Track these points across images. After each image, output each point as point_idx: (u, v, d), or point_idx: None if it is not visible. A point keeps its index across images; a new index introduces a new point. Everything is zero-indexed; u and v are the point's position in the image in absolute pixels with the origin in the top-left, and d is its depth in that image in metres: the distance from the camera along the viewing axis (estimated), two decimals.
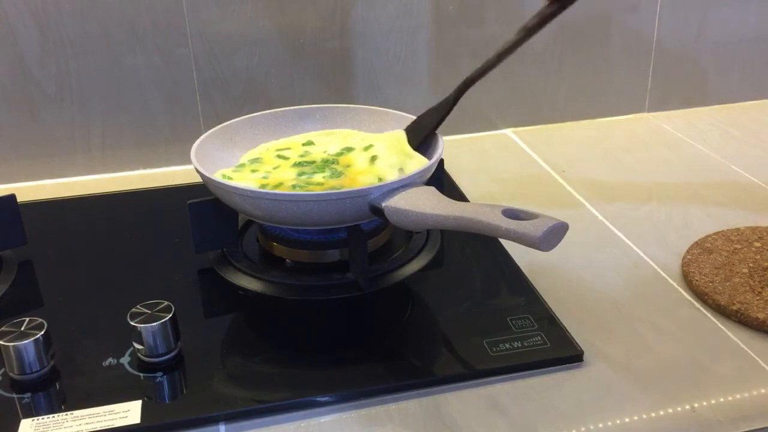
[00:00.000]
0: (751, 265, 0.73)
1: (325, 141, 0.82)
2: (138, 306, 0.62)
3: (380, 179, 0.72)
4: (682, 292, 0.72)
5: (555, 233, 0.55)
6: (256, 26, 0.98)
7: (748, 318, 0.67)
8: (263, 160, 0.79)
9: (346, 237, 0.72)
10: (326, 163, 0.76)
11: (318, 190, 0.70)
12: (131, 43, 0.95)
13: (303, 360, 0.65)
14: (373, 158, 0.76)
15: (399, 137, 0.78)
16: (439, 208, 0.62)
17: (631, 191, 0.94)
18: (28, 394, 0.60)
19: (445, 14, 1.03)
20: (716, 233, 0.80)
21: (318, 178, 0.73)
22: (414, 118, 0.80)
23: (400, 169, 0.73)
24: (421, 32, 1.04)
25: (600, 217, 0.87)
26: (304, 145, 0.82)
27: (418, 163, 0.74)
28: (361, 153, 0.77)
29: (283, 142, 0.83)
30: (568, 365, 0.63)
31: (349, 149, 0.79)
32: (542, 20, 0.72)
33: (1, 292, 0.73)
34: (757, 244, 0.77)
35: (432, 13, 1.03)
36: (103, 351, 0.64)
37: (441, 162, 0.78)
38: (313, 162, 0.77)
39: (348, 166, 0.76)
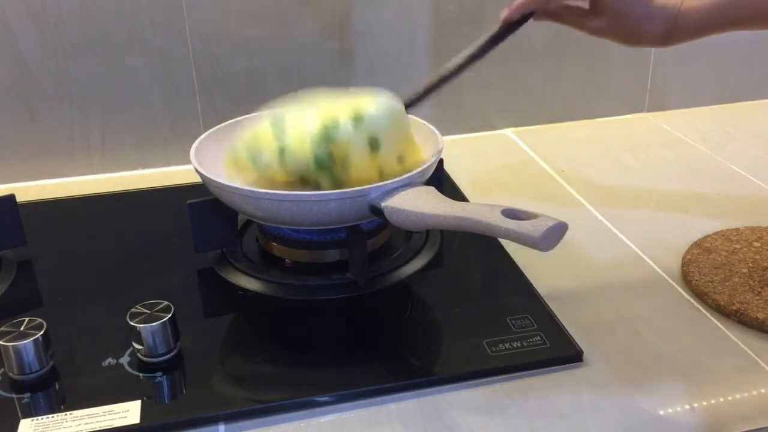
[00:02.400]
0: (750, 264, 0.73)
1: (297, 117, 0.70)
2: (137, 306, 0.62)
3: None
4: (682, 292, 0.72)
5: (554, 233, 0.55)
6: (256, 26, 0.98)
7: (747, 318, 0.66)
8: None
9: (345, 237, 0.72)
10: (319, 165, 0.67)
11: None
12: (131, 43, 0.95)
13: (303, 360, 0.65)
14: (374, 144, 0.67)
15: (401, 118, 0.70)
16: (438, 208, 0.62)
17: (630, 191, 0.94)
18: (28, 394, 0.60)
19: (444, 14, 1.03)
20: (716, 233, 0.80)
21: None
22: (414, 118, 0.80)
23: (399, 157, 0.69)
24: (421, 32, 1.04)
25: (600, 217, 0.87)
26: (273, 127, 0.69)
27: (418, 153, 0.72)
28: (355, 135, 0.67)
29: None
30: (567, 365, 0.63)
31: (334, 125, 0.67)
32: (494, 39, 0.74)
33: (1, 292, 0.73)
34: (757, 244, 0.77)
35: (432, 13, 1.03)
36: (103, 351, 0.64)
37: (441, 162, 0.78)
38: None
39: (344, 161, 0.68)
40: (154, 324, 0.60)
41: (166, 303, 0.63)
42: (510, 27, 0.74)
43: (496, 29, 0.74)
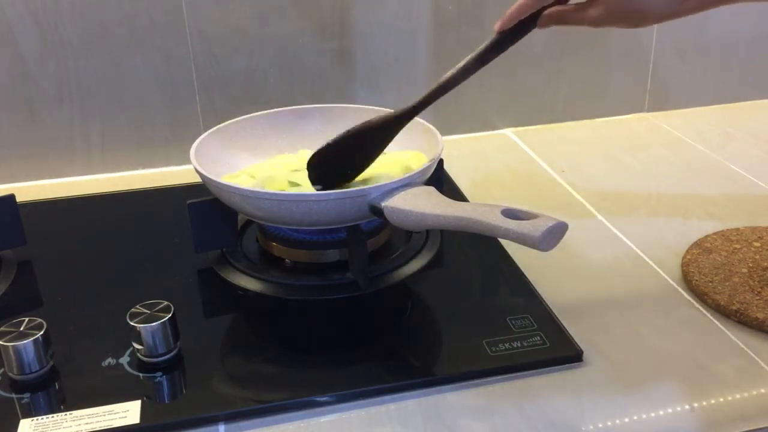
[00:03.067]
0: (750, 264, 0.73)
1: None
2: (137, 306, 0.62)
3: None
4: (682, 292, 0.72)
5: (554, 233, 0.55)
6: (256, 26, 0.98)
7: (747, 318, 0.66)
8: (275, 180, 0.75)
9: (345, 237, 0.72)
10: None
11: None
12: (131, 42, 0.95)
13: (303, 360, 0.65)
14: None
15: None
16: (438, 208, 0.62)
17: (630, 191, 0.94)
18: (28, 394, 0.60)
19: (444, 14, 1.03)
20: (716, 233, 0.80)
21: None
22: (413, 118, 0.80)
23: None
24: (420, 32, 1.04)
25: (599, 217, 0.87)
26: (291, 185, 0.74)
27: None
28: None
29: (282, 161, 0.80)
30: (567, 365, 0.63)
31: None
32: (495, 47, 0.71)
33: (1, 292, 0.73)
34: (757, 244, 0.77)
35: (432, 13, 1.03)
36: (103, 351, 0.64)
37: (441, 162, 0.78)
38: None
39: None
40: (154, 324, 0.60)
41: (166, 303, 0.63)
42: (508, 37, 0.70)
43: (494, 37, 0.71)
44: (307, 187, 0.72)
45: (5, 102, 0.94)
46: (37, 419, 0.57)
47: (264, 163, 0.81)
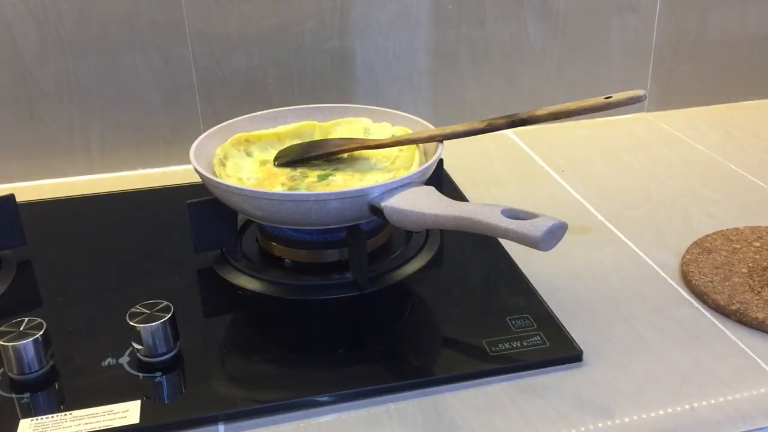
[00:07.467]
0: (750, 264, 0.73)
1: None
2: (137, 306, 0.62)
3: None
4: (682, 291, 0.72)
5: (554, 233, 0.55)
6: (255, 26, 0.98)
7: (747, 317, 0.66)
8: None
9: (345, 237, 0.72)
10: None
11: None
12: (130, 42, 0.95)
13: (302, 360, 0.65)
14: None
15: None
16: (438, 208, 0.62)
17: (630, 191, 0.94)
18: (27, 394, 0.60)
19: (444, 14, 1.03)
20: (716, 233, 0.80)
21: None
22: (414, 118, 0.80)
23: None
24: (420, 32, 1.04)
25: (599, 217, 0.87)
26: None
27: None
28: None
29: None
30: (567, 365, 0.63)
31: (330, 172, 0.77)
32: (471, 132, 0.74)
33: (1, 292, 0.73)
34: (757, 244, 0.77)
35: (431, 12, 1.03)
36: (102, 351, 0.64)
37: (441, 162, 0.78)
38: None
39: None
40: (154, 324, 0.60)
41: (165, 303, 0.63)
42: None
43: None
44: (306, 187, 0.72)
45: (5, 102, 0.94)
46: (37, 419, 0.57)
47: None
